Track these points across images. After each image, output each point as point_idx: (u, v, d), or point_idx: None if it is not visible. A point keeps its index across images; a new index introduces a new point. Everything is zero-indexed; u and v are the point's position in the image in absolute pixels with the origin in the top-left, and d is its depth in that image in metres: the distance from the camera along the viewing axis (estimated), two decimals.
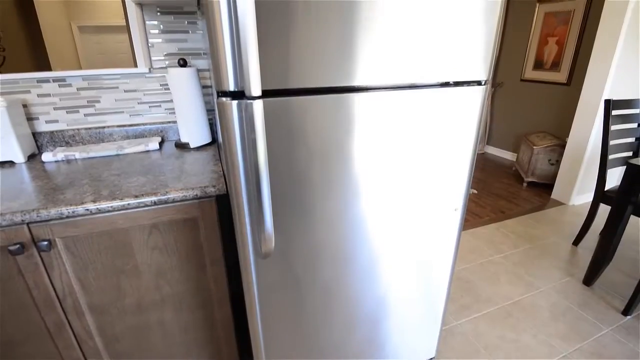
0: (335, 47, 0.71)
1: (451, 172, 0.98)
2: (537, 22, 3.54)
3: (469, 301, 1.77)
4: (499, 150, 4.28)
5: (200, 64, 1.37)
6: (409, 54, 0.78)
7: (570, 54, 3.27)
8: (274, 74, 0.69)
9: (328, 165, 0.82)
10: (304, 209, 0.84)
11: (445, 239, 1.08)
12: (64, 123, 1.31)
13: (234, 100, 0.67)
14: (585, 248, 2.24)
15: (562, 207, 2.84)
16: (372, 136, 0.83)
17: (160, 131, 1.40)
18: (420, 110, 0.86)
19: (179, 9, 1.28)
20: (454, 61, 0.84)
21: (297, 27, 0.67)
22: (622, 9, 2.31)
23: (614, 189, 2.02)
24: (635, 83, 2.65)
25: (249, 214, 0.78)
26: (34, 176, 1.03)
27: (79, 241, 0.88)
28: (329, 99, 0.75)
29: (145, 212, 0.89)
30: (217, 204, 0.96)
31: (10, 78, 1.22)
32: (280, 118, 0.73)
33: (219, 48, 0.63)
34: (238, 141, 0.70)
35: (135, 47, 1.29)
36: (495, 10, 0.82)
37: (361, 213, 0.91)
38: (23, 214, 0.80)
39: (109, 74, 1.30)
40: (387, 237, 0.98)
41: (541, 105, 3.66)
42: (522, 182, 3.36)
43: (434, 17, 0.77)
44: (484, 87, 0.91)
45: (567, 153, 2.81)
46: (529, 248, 2.25)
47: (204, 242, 0.99)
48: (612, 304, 1.74)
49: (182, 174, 1.01)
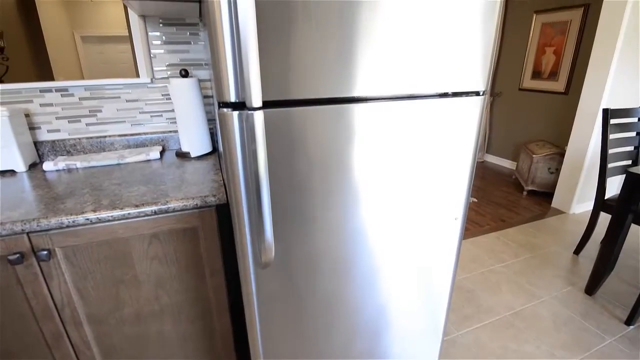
0: (334, 59, 0.72)
1: (451, 182, 0.98)
2: (534, 32, 3.58)
3: (471, 311, 1.76)
4: (498, 158, 4.30)
5: (201, 75, 1.39)
6: (407, 65, 0.79)
7: (568, 64, 3.30)
8: (275, 85, 0.69)
9: (328, 174, 0.82)
10: (304, 218, 0.84)
11: (446, 248, 1.07)
12: (66, 132, 1.32)
13: (235, 111, 0.68)
14: (586, 257, 2.23)
15: (562, 215, 2.84)
16: (372, 146, 0.84)
17: (161, 140, 1.41)
18: (419, 120, 0.86)
19: (182, 20, 1.30)
20: (452, 72, 0.85)
21: (298, 39, 0.68)
22: (618, 19, 2.35)
23: (614, 198, 2.02)
24: (633, 92, 2.67)
25: (249, 223, 0.78)
26: (35, 185, 1.03)
27: (79, 251, 0.88)
28: (329, 110, 0.76)
29: (145, 221, 0.89)
30: (217, 214, 0.96)
31: (13, 88, 1.23)
32: (280, 128, 0.73)
33: (220, 60, 0.64)
34: (239, 151, 0.71)
35: (137, 57, 1.30)
36: (492, 22, 0.84)
37: (361, 222, 0.91)
38: (23, 224, 0.80)
39: (111, 84, 1.32)
40: (388, 246, 0.98)
41: (540, 114, 3.68)
42: (522, 190, 3.36)
43: (431, 29, 0.78)
44: (482, 98, 0.91)
45: (567, 162, 2.82)
46: (530, 257, 2.24)
47: (203, 252, 0.99)
48: (615, 313, 1.72)
49: (183, 184, 1.01)
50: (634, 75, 2.60)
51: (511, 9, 3.80)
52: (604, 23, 2.43)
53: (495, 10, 0.83)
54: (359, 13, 0.71)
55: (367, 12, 0.71)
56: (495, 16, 0.84)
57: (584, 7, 3.08)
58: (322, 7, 0.67)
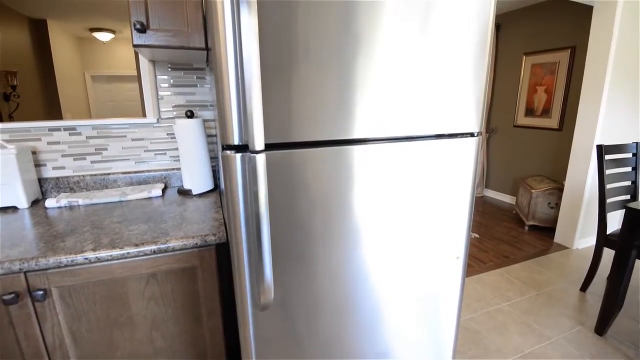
0: (334, 102, 0.76)
1: (450, 220, 0.98)
2: (525, 72, 3.74)
3: (478, 353, 1.68)
4: (497, 193, 4.31)
5: (206, 115, 1.44)
6: (403, 108, 0.83)
7: (560, 101, 3.41)
8: (276, 128, 0.72)
9: (329, 214, 0.83)
10: (304, 259, 0.83)
11: (449, 287, 1.05)
12: (70, 169, 1.34)
13: (238, 153, 0.70)
14: (593, 294, 2.17)
15: (565, 251, 2.80)
16: (371, 186, 0.85)
17: (163, 178, 1.43)
18: (417, 160, 0.89)
19: (189, 65, 1.37)
20: (447, 115, 0.88)
21: (298, 84, 0.72)
22: (604, 60, 2.46)
23: (616, 233, 2.00)
24: (626, 126, 2.74)
25: (248, 263, 0.78)
26: (36, 222, 1.03)
27: (75, 291, 0.87)
28: (329, 151, 0.79)
29: (144, 261, 0.89)
30: (217, 253, 0.96)
31: (23, 127, 1.27)
32: (282, 169, 0.75)
33: (225, 106, 0.67)
34: (240, 192, 0.72)
35: (145, 99, 1.36)
36: (483, 68, 0.89)
37: (363, 263, 0.90)
38: (22, 262, 0.79)
39: (119, 123, 1.36)
40: (390, 288, 0.96)
41: (535, 149, 3.75)
42: (524, 225, 3.34)
43: (426, 76, 0.83)
44: (477, 139, 0.94)
45: (566, 197, 2.83)
46: (536, 295, 2.18)
47: (201, 292, 0.97)
48: (628, 354, 1.65)
49: (183, 222, 1.01)
50: (626, 110, 2.68)
51: (501, 50, 4.00)
52: (591, 64, 2.55)
53: (485, 57, 0.88)
54: (355, 60, 0.75)
55: (362, 60, 0.76)
56: (485, 62, 0.89)
57: (570, 49, 3.24)
58: (321, 53, 0.72)
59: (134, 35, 1.00)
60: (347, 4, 0.72)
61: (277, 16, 0.67)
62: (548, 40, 3.46)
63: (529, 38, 3.65)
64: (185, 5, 1.03)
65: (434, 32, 0.82)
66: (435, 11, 0.81)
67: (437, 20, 0.81)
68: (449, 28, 0.83)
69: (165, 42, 1.03)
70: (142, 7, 0.99)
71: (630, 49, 2.52)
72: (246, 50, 0.62)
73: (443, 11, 0.81)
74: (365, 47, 0.76)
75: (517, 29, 3.76)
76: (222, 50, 0.65)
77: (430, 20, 0.81)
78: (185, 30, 1.04)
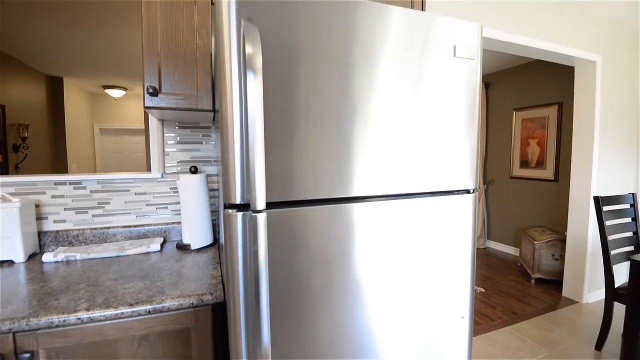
0: (333, 162, 0.79)
1: (453, 277, 0.97)
2: (516, 127, 3.90)
3: None
4: (500, 244, 4.25)
5: (209, 170, 1.48)
6: (400, 167, 0.87)
7: (553, 153, 3.51)
8: (277, 187, 0.75)
9: (329, 273, 0.82)
10: (304, 321, 0.81)
11: (456, 349, 1.00)
12: (71, 223, 1.35)
13: (240, 212, 0.72)
14: (609, 352, 2.05)
15: (575, 305, 2.69)
16: (371, 243, 0.86)
17: (163, 232, 1.43)
18: (415, 217, 0.90)
19: (196, 123, 1.45)
20: (442, 173, 0.92)
21: (299, 144, 0.76)
22: (591, 113, 2.58)
23: (624, 286, 1.94)
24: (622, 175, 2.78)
25: (245, 326, 0.75)
26: (31, 278, 1.02)
27: (63, 353, 0.83)
28: (329, 209, 0.80)
29: (137, 321, 0.86)
30: (212, 313, 0.93)
31: (30, 180, 1.30)
32: (282, 227, 0.76)
33: (229, 167, 0.70)
34: (240, 250, 0.73)
35: (151, 154, 1.41)
36: (474, 127, 0.94)
37: (363, 323, 0.87)
38: (12, 322, 0.77)
39: (123, 178, 1.39)
40: (392, 350, 0.92)
41: (533, 200, 3.77)
42: (530, 278, 3.25)
43: (420, 137, 0.88)
44: (473, 195, 0.97)
45: (569, 249, 2.79)
46: (549, 355, 2.05)
47: (194, 355, 0.92)
48: None
49: (180, 279, 1.00)
50: (619, 158, 2.74)
51: (492, 107, 4.21)
52: (579, 117, 2.67)
53: (475, 120, 0.94)
54: (353, 123, 0.80)
55: (360, 123, 0.81)
56: (476, 122, 0.94)
57: (557, 105, 3.42)
58: (322, 117, 0.77)
59: (146, 98, 1.07)
60: (345, 73, 0.79)
61: (279, 81, 0.73)
62: (535, 96, 3.66)
63: (517, 95, 3.87)
64: (196, 73, 1.11)
65: (424, 98, 0.88)
66: (425, 80, 0.88)
67: (427, 88, 0.88)
68: (438, 92, 0.90)
69: (175, 105, 1.10)
70: (156, 74, 1.08)
71: (614, 99, 2.66)
72: (251, 113, 0.66)
73: (432, 79, 0.89)
74: (361, 115, 0.81)
75: (506, 86, 4.00)
76: (229, 113, 0.70)
77: (423, 86, 0.88)
78: (195, 94, 1.12)
